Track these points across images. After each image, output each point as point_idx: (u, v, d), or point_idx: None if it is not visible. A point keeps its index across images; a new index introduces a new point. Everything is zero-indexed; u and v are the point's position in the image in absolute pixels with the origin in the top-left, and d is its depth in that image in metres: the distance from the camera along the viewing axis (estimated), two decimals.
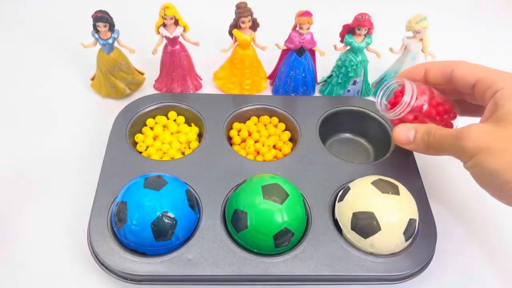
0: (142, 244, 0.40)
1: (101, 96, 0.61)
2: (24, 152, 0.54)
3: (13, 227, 0.47)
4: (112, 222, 0.41)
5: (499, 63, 0.72)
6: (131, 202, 0.39)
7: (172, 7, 0.53)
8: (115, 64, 0.58)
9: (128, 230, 0.39)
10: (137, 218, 0.38)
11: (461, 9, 0.84)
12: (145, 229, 0.38)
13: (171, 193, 0.40)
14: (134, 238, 0.39)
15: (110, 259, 0.42)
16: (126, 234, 0.40)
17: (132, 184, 0.41)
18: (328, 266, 0.42)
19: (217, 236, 0.44)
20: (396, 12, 0.68)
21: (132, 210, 0.39)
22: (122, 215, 0.39)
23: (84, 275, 0.44)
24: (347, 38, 0.57)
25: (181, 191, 0.41)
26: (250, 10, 0.55)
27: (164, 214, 0.38)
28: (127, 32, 0.58)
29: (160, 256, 0.42)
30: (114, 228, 0.41)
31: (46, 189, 0.51)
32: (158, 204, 0.39)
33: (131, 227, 0.39)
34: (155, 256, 0.42)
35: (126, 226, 0.39)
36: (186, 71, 0.60)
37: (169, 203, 0.39)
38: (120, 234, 0.40)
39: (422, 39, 0.57)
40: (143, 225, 0.38)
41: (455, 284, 0.46)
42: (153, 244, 0.40)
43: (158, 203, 0.39)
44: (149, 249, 0.40)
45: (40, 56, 0.68)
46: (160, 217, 0.38)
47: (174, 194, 0.40)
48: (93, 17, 0.53)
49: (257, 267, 0.42)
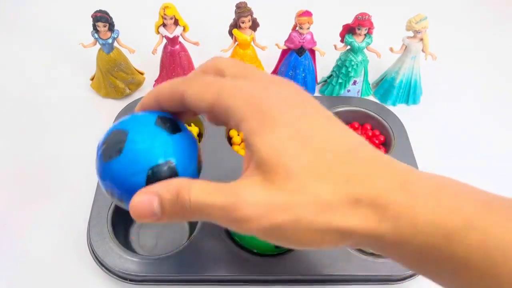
0: (126, 188, 0.29)
1: (100, 96, 0.61)
2: (23, 152, 0.54)
3: (12, 227, 0.47)
4: (99, 149, 0.31)
5: (500, 62, 0.72)
6: (135, 134, 0.30)
7: (172, 7, 0.53)
8: (115, 64, 0.58)
9: (117, 167, 0.29)
10: (134, 156, 0.29)
11: (462, 8, 0.84)
12: (139, 172, 0.29)
13: (184, 143, 0.31)
14: (120, 178, 0.29)
15: (110, 259, 0.41)
16: (112, 169, 0.29)
17: (141, 116, 0.32)
18: (328, 267, 0.42)
19: (217, 236, 0.43)
20: (396, 12, 0.68)
21: (132, 143, 0.29)
22: (117, 146, 0.29)
23: (84, 275, 0.44)
24: (347, 38, 0.57)
25: (194, 146, 0.33)
26: (250, 10, 0.55)
27: (168, 163, 0.29)
28: (127, 32, 0.58)
29: (160, 257, 0.42)
30: (98, 158, 0.30)
31: (45, 189, 0.51)
32: (166, 149, 0.30)
33: (123, 164, 0.29)
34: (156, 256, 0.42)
35: (117, 161, 0.29)
36: (186, 71, 0.60)
37: (178, 153, 0.31)
38: (103, 167, 0.30)
39: (422, 39, 0.57)
40: (139, 166, 0.29)
41: None
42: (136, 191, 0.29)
43: (166, 148, 0.30)
44: (127, 196, 0.29)
45: (40, 55, 0.67)
46: (162, 165, 0.29)
47: (186, 145, 0.32)
48: (92, 17, 0.53)
49: (257, 267, 0.42)
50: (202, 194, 0.26)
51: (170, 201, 0.26)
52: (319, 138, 0.24)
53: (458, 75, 0.68)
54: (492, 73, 0.69)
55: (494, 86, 0.67)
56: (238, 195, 0.25)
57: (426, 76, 0.63)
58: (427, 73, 0.63)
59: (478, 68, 0.70)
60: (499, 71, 0.70)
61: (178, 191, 0.26)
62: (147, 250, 0.47)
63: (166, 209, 0.26)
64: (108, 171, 0.30)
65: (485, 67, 0.70)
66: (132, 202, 0.26)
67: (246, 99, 0.25)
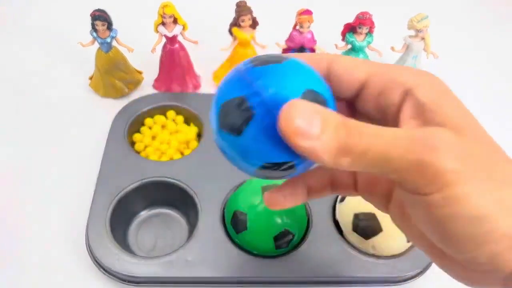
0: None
1: (99, 95, 0.61)
2: (22, 151, 0.54)
3: (11, 227, 0.47)
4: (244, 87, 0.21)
5: (500, 62, 0.72)
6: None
7: (171, 6, 0.53)
8: (114, 63, 0.57)
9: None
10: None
11: (463, 8, 0.83)
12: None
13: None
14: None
15: (108, 260, 0.41)
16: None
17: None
18: (328, 268, 0.42)
19: (217, 237, 0.43)
20: (397, 11, 0.67)
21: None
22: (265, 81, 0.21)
23: (82, 276, 0.44)
24: (348, 37, 0.56)
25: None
26: (250, 8, 0.54)
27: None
28: (125, 31, 0.57)
29: (159, 258, 0.42)
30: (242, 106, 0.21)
31: (44, 189, 0.50)
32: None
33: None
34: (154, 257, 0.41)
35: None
36: (185, 70, 0.59)
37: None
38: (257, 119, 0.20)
39: (424, 38, 0.57)
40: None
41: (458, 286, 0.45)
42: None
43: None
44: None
45: (38, 55, 0.67)
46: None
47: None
48: (91, 15, 0.53)
49: (257, 268, 0.41)
50: (378, 129, 0.20)
51: (336, 124, 0.19)
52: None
53: (459, 75, 0.67)
54: (493, 72, 0.69)
55: (494, 86, 0.67)
56: (434, 131, 0.20)
57: None
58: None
59: (479, 68, 0.70)
60: (500, 71, 0.70)
61: (346, 119, 0.20)
62: (146, 251, 0.46)
63: (325, 131, 0.19)
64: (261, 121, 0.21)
65: (486, 66, 0.70)
66: (285, 112, 0.19)
67: (416, 75, 0.22)
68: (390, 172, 0.19)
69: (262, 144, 0.20)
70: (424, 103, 0.21)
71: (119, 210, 0.46)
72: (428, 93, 0.21)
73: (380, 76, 0.23)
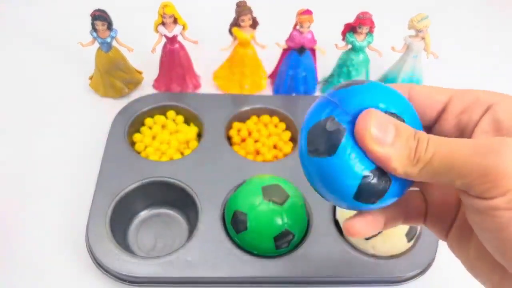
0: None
1: (99, 95, 0.61)
2: (22, 151, 0.54)
3: (11, 227, 0.47)
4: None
5: (501, 62, 0.72)
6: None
7: (171, 6, 0.53)
8: (114, 63, 0.57)
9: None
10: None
11: (463, 7, 0.83)
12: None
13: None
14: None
15: (108, 260, 0.41)
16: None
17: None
18: (329, 268, 0.42)
19: (217, 237, 0.43)
20: (397, 10, 0.67)
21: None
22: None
23: (82, 276, 0.44)
24: (348, 36, 0.56)
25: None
26: (250, 8, 0.54)
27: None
28: (125, 31, 0.57)
29: (159, 258, 0.42)
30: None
31: (44, 189, 0.50)
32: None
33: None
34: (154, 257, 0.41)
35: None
36: (185, 70, 0.59)
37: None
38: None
39: (424, 38, 0.57)
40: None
41: (458, 286, 0.45)
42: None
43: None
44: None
45: (38, 55, 0.67)
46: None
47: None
48: (91, 15, 0.53)
49: (257, 269, 0.41)
50: (444, 139, 0.21)
51: (408, 135, 0.21)
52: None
53: (459, 74, 0.67)
54: (494, 72, 0.69)
55: (495, 86, 0.66)
56: (500, 139, 0.20)
57: (428, 75, 0.62)
58: (429, 72, 0.63)
59: (480, 67, 0.70)
60: (501, 71, 0.70)
61: (415, 130, 0.21)
62: (146, 251, 0.46)
63: (398, 139, 0.20)
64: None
65: (486, 66, 0.70)
66: (362, 120, 0.20)
67: (496, 94, 0.23)
68: (456, 177, 0.20)
69: (357, 156, 0.20)
70: (501, 120, 0.22)
71: (119, 210, 0.46)
72: (508, 110, 0.22)
73: (463, 95, 0.23)
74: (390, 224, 0.26)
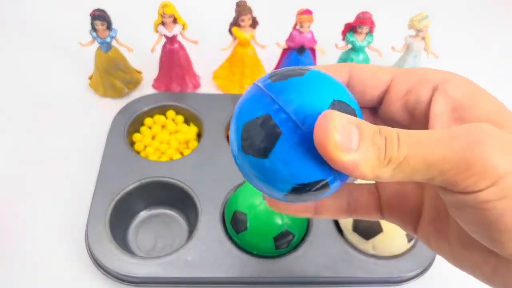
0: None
1: (99, 95, 0.61)
2: (21, 151, 0.54)
3: (11, 227, 0.47)
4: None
5: (501, 62, 0.72)
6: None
7: (171, 5, 0.53)
8: (113, 63, 0.57)
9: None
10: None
11: (464, 7, 0.83)
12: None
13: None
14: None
15: (108, 260, 0.41)
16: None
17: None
18: (329, 268, 0.42)
19: (217, 237, 0.43)
20: (398, 10, 0.67)
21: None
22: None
23: (81, 276, 0.43)
24: (348, 36, 0.56)
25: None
26: (250, 8, 0.54)
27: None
28: (125, 30, 0.57)
29: (159, 258, 0.41)
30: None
31: (44, 189, 0.50)
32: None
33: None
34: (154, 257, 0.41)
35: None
36: (185, 70, 0.59)
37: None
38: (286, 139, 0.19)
39: (424, 38, 0.57)
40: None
41: (458, 286, 0.45)
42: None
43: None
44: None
45: (38, 55, 0.67)
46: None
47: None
48: (91, 15, 0.52)
49: (257, 269, 0.41)
50: (418, 133, 0.19)
51: (372, 134, 0.18)
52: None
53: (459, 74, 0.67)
54: (494, 72, 0.69)
55: (495, 86, 0.66)
56: (477, 126, 0.19)
57: None
58: None
59: (479, 68, 0.69)
60: (501, 71, 0.70)
61: (384, 127, 0.19)
62: (146, 251, 0.46)
63: (363, 142, 0.18)
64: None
65: (486, 66, 0.70)
66: (320, 126, 0.18)
67: (443, 72, 0.22)
68: (436, 175, 0.18)
69: (291, 164, 0.19)
70: (457, 99, 0.21)
71: (119, 210, 0.45)
72: (460, 89, 0.21)
73: (406, 75, 0.22)
74: (325, 214, 0.24)
